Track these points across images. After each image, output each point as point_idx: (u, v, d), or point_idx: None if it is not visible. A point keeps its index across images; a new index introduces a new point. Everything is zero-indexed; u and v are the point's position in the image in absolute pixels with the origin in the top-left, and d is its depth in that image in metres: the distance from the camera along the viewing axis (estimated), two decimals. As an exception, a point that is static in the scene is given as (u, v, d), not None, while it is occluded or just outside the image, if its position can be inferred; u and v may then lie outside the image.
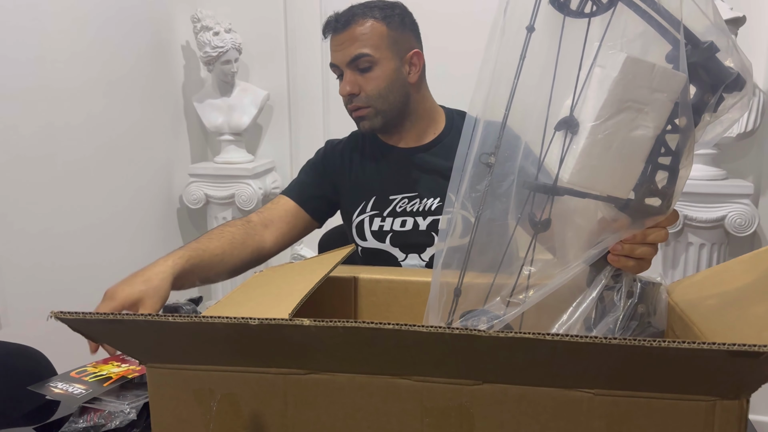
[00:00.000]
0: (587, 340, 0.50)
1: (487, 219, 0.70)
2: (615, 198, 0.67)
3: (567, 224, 0.70)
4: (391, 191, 1.30)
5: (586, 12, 0.64)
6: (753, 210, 1.93)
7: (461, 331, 0.51)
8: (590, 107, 0.64)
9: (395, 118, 1.27)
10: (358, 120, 1.28)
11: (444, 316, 0.73)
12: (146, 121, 2.19)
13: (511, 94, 0.67)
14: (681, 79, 0.62)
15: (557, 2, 0.65)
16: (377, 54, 1.22)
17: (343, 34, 1.24)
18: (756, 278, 0.72)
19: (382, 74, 1.23)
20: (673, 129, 0.65)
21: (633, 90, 0.62)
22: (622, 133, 0.64)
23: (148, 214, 2.24)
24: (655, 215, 0.68)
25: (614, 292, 0.72)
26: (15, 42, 1.67)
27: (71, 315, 0.57)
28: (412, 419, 0.61)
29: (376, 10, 1.25)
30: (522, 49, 0.65)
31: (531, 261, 0.70)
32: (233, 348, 0.61)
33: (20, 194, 1.70)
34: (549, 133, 0.67)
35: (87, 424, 0.90)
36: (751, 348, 0.47)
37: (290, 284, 0.86)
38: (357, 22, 1.23)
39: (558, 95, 0.67)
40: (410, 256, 1.30)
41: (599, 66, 0.64)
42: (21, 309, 1.68)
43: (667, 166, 0.66)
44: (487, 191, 0.70)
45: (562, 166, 0.66)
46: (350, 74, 1.24)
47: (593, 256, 0.69)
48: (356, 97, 1.25)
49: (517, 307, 0.69)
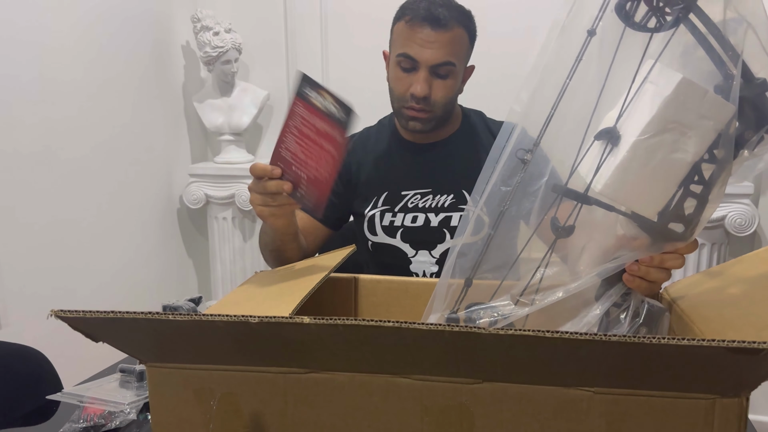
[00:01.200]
0: (587, 337, 0.50)
1: (512, 215, 0.70)
2: (640, 216, 0.66)
3: (585, 234, 0.69)
4: (403, 186, 1.30)
5: (649, 26, 0.64)
6: (753, 210, 1.93)
7: (461, 329, 0.51)
8: (636, 122, 0.63)
9: (442, 123, 1.27)
10: (412, 119, 1.23)
11: (450, 304, 0.73)
12: (146, 121, 2.20)
13: (560, 95, 0.66)
14: (730, 110, 0.61)
15: (623, 11, 0.64)
16: (458, 65, 1.21)
17: (438, 33, 1.17)
18: (756, 278, 0.72)
19: (453, 85, 1.22)
20: (711, 159, 0.64)
21: (681, 112, 0.62)
22: (661, 153, 0.63)
23: (148, 214, 2.24)
24: (676, 241, 0.67)
25: (621, 309, 0.71)
26: (15, 42, 1.67)
27: (71, 313, 0.57)
28: (412, 418, 0.61)
29: (466, 19, 1.22)
30: (579, 51, 0.65)
31: (547, 264, 0.70)
32: (233, 347, 0.61)
33: (20, 194, 1.70)
34: (587, 140, 0.67)
35: (87, 424, 0.90)
36: (751, 345, 0.47)
37: (290, 284, 0.86)
38: (454, 26, 1.19)
39: (602, 104, 0.66)
40: (420, 252, 1.30)
41: (651, 82, 0.64)
42: (21, 309, 1.68)
43: (698, 194, 0.65)
44: (517, 187, 0.69)
45: (596, 175, 0.65)
46: (428, 76, 1.20)
47: (608, 271, 0.69)
48: (424, 99, 1.21)
49: (525, 308, 0.69)
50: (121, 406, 0.92)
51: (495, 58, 1.35)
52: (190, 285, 2.51)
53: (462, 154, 1.30)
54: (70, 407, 0.94)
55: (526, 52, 2.17)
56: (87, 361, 1.11)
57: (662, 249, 0.69)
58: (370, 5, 2.24)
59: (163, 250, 2.33)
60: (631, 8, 0.64)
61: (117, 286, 2.04)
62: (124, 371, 1.00)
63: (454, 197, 1.28)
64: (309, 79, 0.88)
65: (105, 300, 1.94)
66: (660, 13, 0.63)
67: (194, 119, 2.44)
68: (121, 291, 2.05)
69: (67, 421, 0.91)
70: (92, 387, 0.99)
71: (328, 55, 2.35)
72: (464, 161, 1.29)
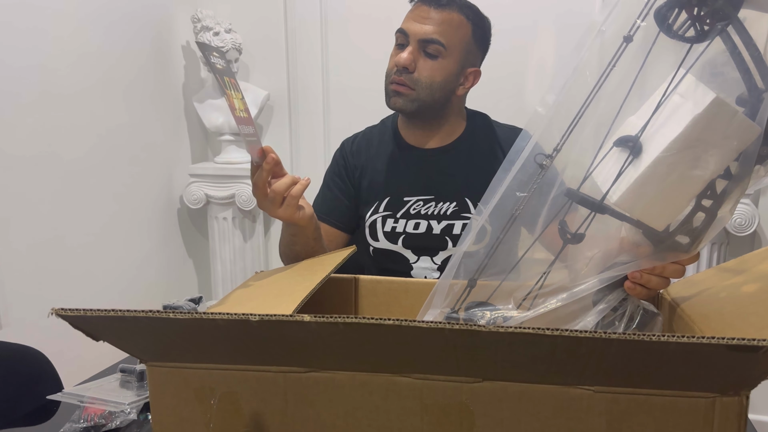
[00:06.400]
0: (587, 334, 0.50)
1: (524, 220, 0.70)
2: (649, 227, 0.66)
3: (592, 241, 0.69)
4: (405, 192, 1.29)
5: (687, 36, 0.63)
6: (753, 210, 1.93)
7: (461, 327, 0.51)
8: (661, 136, 0.63)
9: (427, 113, 1.25)
10: (395, 94, 1.23)
11: (451, 303, 0.73)
12: (146, 121, 2.20)
13: (587, 101, 0.65)
14: (755, 131, 0.61)
15: (662, 19, 0.63)
16: (450, 50, 1.20)
17: (434, 11, 1.19)
18: (756, 278, 0.72)
19: (441, 69, 1.21)
20: (725, 174, 0.63)
21: (708, 131, 0.61)
22: (680, 169, 0.62)
23: (148, 214, 2.24)
24: (679, 252, 0.67)
25: (617, 314, 0.71)
26: (15, 42, 1.67)
27: (72, 312, 0.57)
28: (413, 417, 0.61)
29: (472, 13, 1.23)
30: (613, 57, 0.64)
31: (551, 269, 0.70)
32: (234, 345, 0.61)
33: (20, 194, 1.70)
34: (605, 146, 0.66)
35: (87, 424, 0.90)
36: (750, 342, 0.47)
37: (291, 284, 0.86)
38: (453, 9, 1.20)
39: (625, 109, 0.66)
40: (422, 258, 1.29)
41: (679, 95, 0.63)
42: (21, 309, 1.68)
43: (707, 208, 0.65)
44: (534, 192, 0.69)
45: (613, 185, 0.65)
46: (415, 50, 1.20)
47: (610, 278, 0.69)
48: (407, 73, 1.21)
49: (526, 311, 0.69)
50: (121, 406, 0.92)
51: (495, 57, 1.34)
52: (190, 285, 2.51)
53: (465, 161, 1.29)
54: (71, 407, 0.94)
55: (526, 51, 2.17)
56: (87, 361, 1.11)
57: (665, 259, 0.68)
58: (371, 5, 2.24)
59: (164, 250, 2.33)
60: (670, 16, 0.63)
61: (117, 286, 2.04)
62: (125, 371, 1.00)
63: (456, 205, 1.27)
64: (205, 46, 0.95)
65: (105, 300, 1.94)
66: (700, 22, 0.62)
67: (194, 119, 2.44)
68: (121, 291, 2.05)
69: (68, 421, 0.91)
70: (92, 387, 0.99)
71: (328, 55, 2.35)
72: (467, 169, 1.28)
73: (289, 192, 0.99)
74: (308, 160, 2.43)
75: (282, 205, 0.99)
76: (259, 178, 0.97)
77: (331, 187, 1.35)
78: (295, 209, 1.01)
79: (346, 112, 2.35)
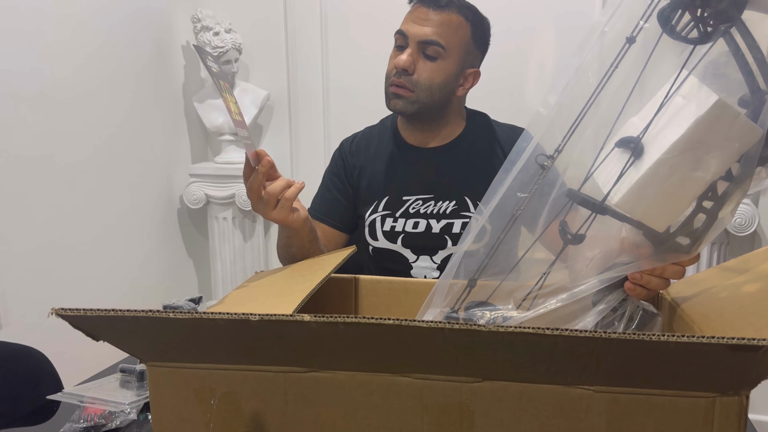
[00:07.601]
0: (587, 334, 0.50)
1: (524, 220, 0.70)
2: (649, 228, 0.66)
3: (592, 242, 0.69)
4: (405, 192, 1.29)
5: (689, 37, 0.62)
6: (753, 210, 1.93)
7: (461, 326, 0.51)
8: (663, 137, 0.62)
9: (427, 114, 1.25)
10: (395, 96, 1.23)
11: (451, 302, 0.73)
12: (146, 121, 2.20)
13: (589, 102, 0.65)
14: (757, 133, 0.61)
15: (665, 19, 0.63)
16: (449, 52, 1.20)
17: (433, 12, 1.19)
18: (756, 278, 0.72)
19: (440, 71, 1.21)
20: (727, 176, 0.63)
21: (710, 133, 0.61)
22: (682, 171, 0.62)
23: (148, 214, 2.24)
24: (680, 253, 0.67)
25: (616, 315, 0.71)
26: (15, 41, 1.67)
27: (72, 311, 0.57)
28: (413, 417, 0.61)
29: (471, 14, 1.23)
30: (616, 57, 0.64)
31: (551, 269, 0.70)
32: (234, 345, 0.61)
33: (21, 194, 1.70)
34: (607, 146, 0.66)
35: (87, 424, 0.90)
36: (750, 342, 0.47)
37: (291, 284, 0.86)
38: (452, 10, 1.20)
39: (627, 109, 0.66)
40: (422, 257, 1.29)
41: (682, 96, 0.63)
42: (21, 309, 1.68)
43: (708, 210, 0.65)
44: (534, 193, 0.68)
45: (615, 186, 0.65)
46: (415, 52, 1.20)
47: (610, 279, 0.69)
48: (407, 75, 1.21)
49: (526, 311, 0.69)
50: (121, 406, 0.92)
51: (494, 57, 1.35)
52: (190, 285, 2.51)
53: (465, 159, 1.28)
54: (71, 407, 0.94)
55: (525, 52, 2.17)
56: (87, 361, 1.11)
57: (665, 260, 0.68)
58: (371, 5, 2.24)
59: (164, 250, 2.33)
60: (673, 17, 0.63)
61: (117, 286, 2.04)
62: (125, 371, 1.00)
63: (456, 204, 1.27)
64: (203, 51, 0.96)
65: (105, 300, 1.94)
66: (703, 24, 0.62)
67: (194, 119, 2.44)
68: (121, 291, 2.05)
69: (68, 421, 0.91)
70: (92, 387, 0.99)
71: (328, 55, 2.35)
72: (467, 167, 1.28)
73: (283, 194, 0.99)
74: (308, 160, 2.43)
75: (276, 207, 1.00)
76: (254, 180, 0.97)
77: (330, 188, 1.36)
78: (288, 212, 1.02)
79: (346, 113, 2.35)
